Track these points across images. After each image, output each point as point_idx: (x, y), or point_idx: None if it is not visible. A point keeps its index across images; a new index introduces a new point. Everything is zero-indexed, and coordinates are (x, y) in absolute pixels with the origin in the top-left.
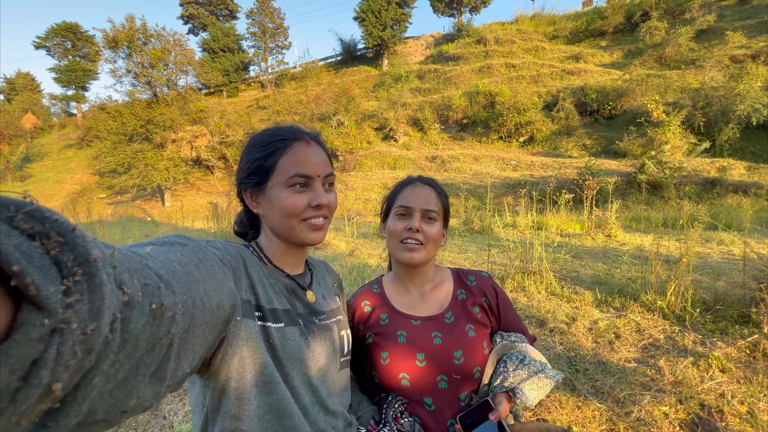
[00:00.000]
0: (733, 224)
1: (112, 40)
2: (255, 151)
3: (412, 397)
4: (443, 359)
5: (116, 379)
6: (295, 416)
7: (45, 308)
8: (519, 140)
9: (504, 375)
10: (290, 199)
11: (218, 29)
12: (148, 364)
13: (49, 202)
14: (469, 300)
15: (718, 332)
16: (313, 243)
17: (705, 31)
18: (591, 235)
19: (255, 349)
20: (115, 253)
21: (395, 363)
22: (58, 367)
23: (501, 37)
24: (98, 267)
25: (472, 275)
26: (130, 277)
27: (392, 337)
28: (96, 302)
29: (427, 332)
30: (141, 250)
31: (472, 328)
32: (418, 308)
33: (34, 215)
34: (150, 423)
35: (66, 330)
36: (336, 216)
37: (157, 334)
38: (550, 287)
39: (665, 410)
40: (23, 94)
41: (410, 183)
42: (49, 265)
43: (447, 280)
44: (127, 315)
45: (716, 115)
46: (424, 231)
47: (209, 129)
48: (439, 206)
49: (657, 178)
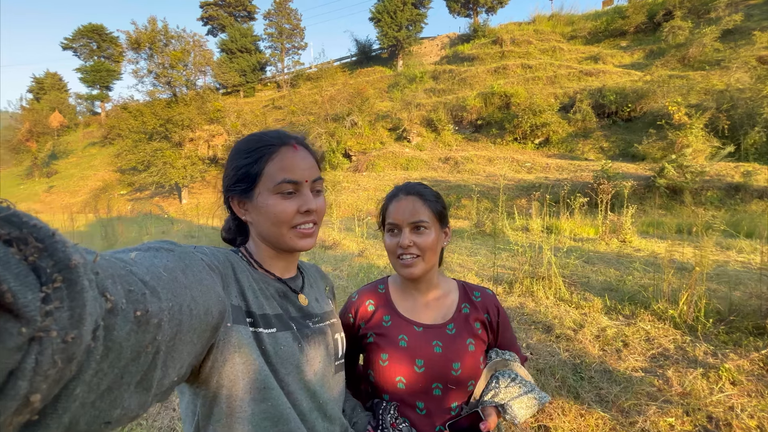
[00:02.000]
0: (756, 231)
1: (134, 41)
2: (241, 158)
3: (405, 400)
4: (441, 368)
5: (99, 389)
6: (291, 422)
7: (22, 316)
8: (534, 142)
9: (495, 390)
10: (279, 206)
11: (236, 30)
12: (134, 372)
13: (74, 198)
14: (472, 315)
15: (731, 343)
16: (302, 249)
17: (731, 30)
18: (605, 240)
19: (247, 355)
20: (97, 259)
21: (394, 366)
22: (36, 377)
23: (517, 37)
24: (79, 273)
25: (478, 291)
26: (113, 283)
27: (393, 340)
28: (77, 309)
29: (428, 340)
30: (125, 256)
31: (473, 343)
32: (421, 315)
33: (10, 220)
34: (160, 414)
35: (45, 339)
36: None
37: (143, 342)
38: (558, 293)
39: (671, 421)
40: (51, 93)
41: (394, 197)
42: (27, 271)
43: (453, 292)
44: (111, 322)
45: (741, 117)
46: (416, 243)
47: (226, 128)
48: (428, 214)
49: (677, 183)
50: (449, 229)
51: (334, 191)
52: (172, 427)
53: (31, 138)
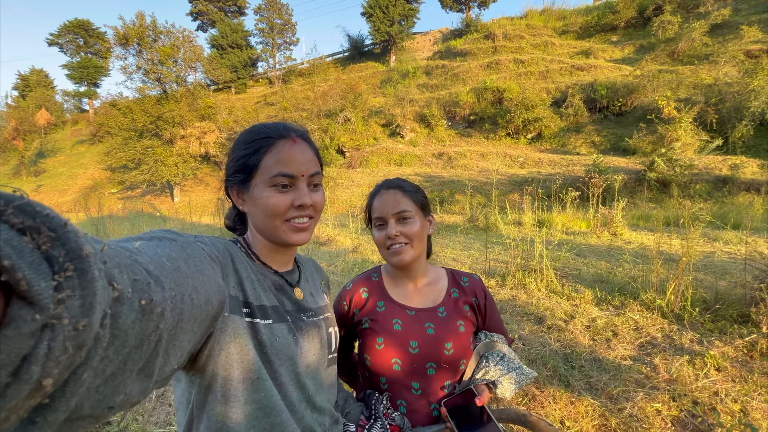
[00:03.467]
0: (742, 223)
1: (122, 37)
2: (240, 149)
3: (401, 381)
4: (434, 348)
5: (104, 375)
6: (282, 413)
7: (36, 303)
8: (527, 137)
9: (485, 369)
10: (272, 198)
11: (227, 25)
12: (137, 359)
13: (63, 197)
14: (461, 299)
15: (716, 331)
16: (296, 244)
17: (719, 25)
18: (596, 233)
19: (242, 345)
20: (105, 249)
21: (389, 349)
22: (48, 362)
23: (510, 32)
24: (90, 262)
25: (466, 277)
26: (120, 272)
27: (388, 324)
28: (88, 298)
29: (421, 322)
30: (130, 245)
31: (462, 324)
32: (413, 300)
33: (24, 210)
34: (156, 409)
35: (57, 325)
36: (341, 212)
37: (146, 330)
38: (550, 285)
39: (658, 407)
40: (37, 90)
41: (377, 194)
42: (41, 260)
43: (442, 278)
44: (117, 311)
45: (729, 111)
46: (403, 232)
47: (217, 125)
48: (410, 204)
49: (666, 176)
50: (432, 217)
51: (328, 188)
52: (168, 422)
53: (17, 136)
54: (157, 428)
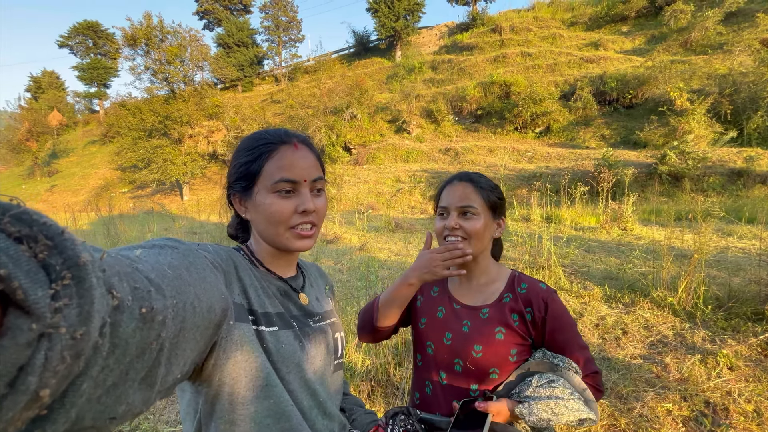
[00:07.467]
0: (757, 217)
1: (130, 37)
2: (242, 156)
3: (432, 366)
4: (463, 346)
5: (105, 385)
6: (293, 418)
7: (33, 313)
8: (535, 131)
9: (524, 387)
10: (275, 205)
11: (232, 24)
12: (138, 369)
13: (76, 197)
14: (510, 305)
15: (729, 329)
16: (299, 250)
17: (734, 13)
18: (606, 228)
19: (250, 353)
20: (104, 257)
21: (428, 331)
22: (45, 373)
23: (517, 25)
24: (88, 271)
25: (526, 283)
26: (119, 280)
27: (434, 308)
28: (85, 306)
29: (461, 318)
30: (131, 254)
31: (502, 332)
32: (464, 295)
33: (21, 218)
34: (166, 408)
35: (54, 335)
36: (348, 209)
37: (147, 339)
38: (558, 282)
39: (668, 407)
40: (49, 92)
41: (449, 183)
42: (37, 268)
43: (501, 280)
44: (117, 319)
45: (744, 102)
46: (462, 227)
47: (225, 124)
48: (478, 201)
49: (679, 169)
50: (503, 221)
51: (335, 185)
52: (178, 421)
53: (31, 137)
54: (168, 427)
